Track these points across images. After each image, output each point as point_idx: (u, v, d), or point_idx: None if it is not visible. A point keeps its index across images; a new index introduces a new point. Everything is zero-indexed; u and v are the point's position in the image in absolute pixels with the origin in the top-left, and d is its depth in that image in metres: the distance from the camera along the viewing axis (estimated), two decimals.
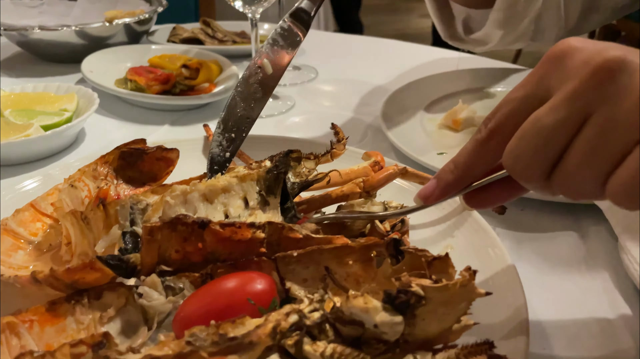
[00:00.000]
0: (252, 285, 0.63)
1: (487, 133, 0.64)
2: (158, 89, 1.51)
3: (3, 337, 0.62)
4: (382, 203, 0.88)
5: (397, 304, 0.53)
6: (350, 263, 0.73)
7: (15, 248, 0.83)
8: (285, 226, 0.71)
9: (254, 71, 0.97)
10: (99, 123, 1.43)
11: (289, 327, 0.52)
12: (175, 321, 0.64)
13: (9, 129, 1.19)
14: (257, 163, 0.88)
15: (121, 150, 0.99)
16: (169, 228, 0.67)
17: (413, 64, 1.86)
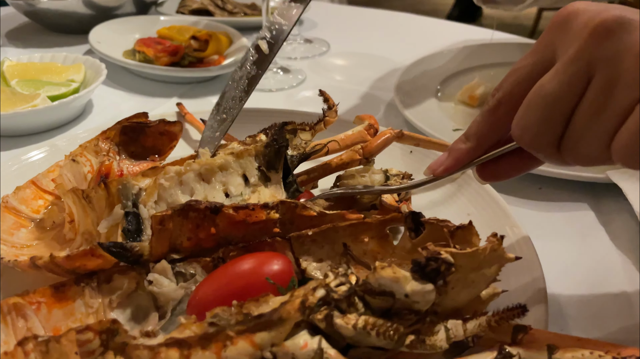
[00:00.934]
0: (269, 265, 0.61)
1: (494, 103, 0.63)
2: (166, 61, 1.47)
3: (9, 318, 0.60)
4: (382, 171, 0.86)
5: (427, 272, 0.51)
6: (366, 240, 0.71)
7: (17, 226, 0.81)
8: (298, 204, 0.69)
9: (250, 54, 0.95)
10: (107, 94, 1.40)
11: (317, 302, 0.50)
12: (191, 306, 0.62)
13: (16, 99, 1.17)
14: (250, 138, 0.85)
15: (122, 124, 0.96)
16: (180, 215, 0.64)
17: (428, 39, 1.80)
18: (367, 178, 0.83)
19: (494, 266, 0.56)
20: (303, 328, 0.50)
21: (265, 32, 0.95)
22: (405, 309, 0.53)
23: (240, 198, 0.77)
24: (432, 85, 1.38)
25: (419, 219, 0.66)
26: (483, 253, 0.55)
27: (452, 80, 1.43)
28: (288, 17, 0.99)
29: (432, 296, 0.52)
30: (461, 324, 0.56)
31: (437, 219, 0.65)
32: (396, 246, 0.70)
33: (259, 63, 0.94)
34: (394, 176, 0.83)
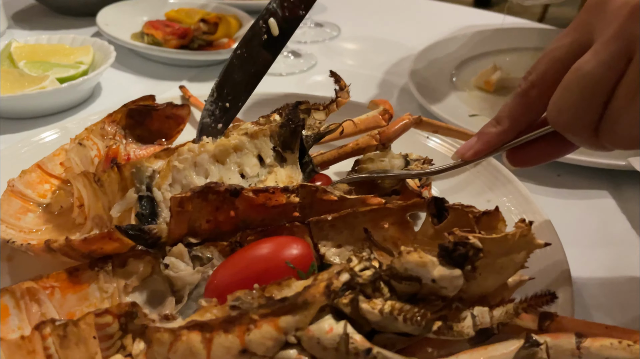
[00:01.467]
0: (288, 249, 0.59)
1: (527, 85, 0.61)
2: (175, 44, 1.45)
3: (22, 303, 0.59)
4: (402, 155, 0.84)
5: (455, 257, 0.49)
6: (386, 226, 0.69)
7: (24, 210, 0.79)
8: (319, 188, 0.67)
9: (257, 31, 0.85)
10: (115, 77, 1.38)
11: (341, 286, 0.49)
12: (209, 290, 0.61)
13: (24, 81, 1.15)
14: (264, 118, 0.83)
15: (129, 107, 0.94)
16: (199, 197, 0.63)
17: (439, 23, 1.77)
18: (387, 163, 0.81)
19: (523, 252, 0.55)
20: (327, 312, 0.49)
21: (277, 7, 0.85)
22: (432, 295, 0.51)
23: (257, 179, 0.75)
24: (447, 70, 1.35)
25: (443, 205, 0.64)
26: (512, 238, 0.53)
27: (466, 65, 1.40)
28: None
29: (459, 281, 0.51)
30: (488, 311, 0.54)
31: (462, 204, 0.63)
32: (417, 232, 0.68)
33: (268, 47, 0.86)
34: (414, 161, 0.81)
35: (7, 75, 1.16)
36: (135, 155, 0.94)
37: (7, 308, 0.59)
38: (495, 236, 0.53)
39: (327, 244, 0.68)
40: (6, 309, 0.59)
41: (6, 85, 1.15)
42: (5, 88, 1.14)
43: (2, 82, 1.14)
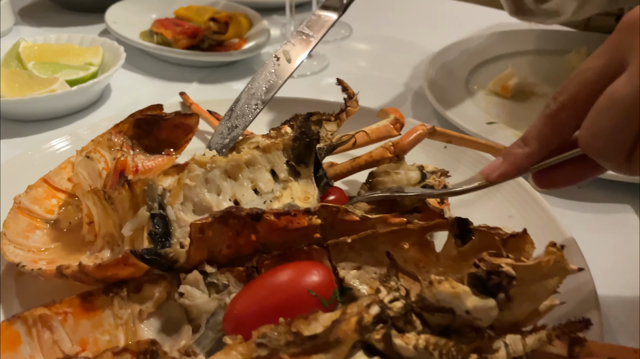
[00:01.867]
0: (309, 275, 0.57)
1: (558, 106, 0.59)
2: (185, 44, 1.42)
3: (34, 331, 0.57)
4: (417, 167, 0.82)
5: (489, 287, 0.48)
6: (407, 246, 0.67)
7: (31, 228, 0.77)
8: (340, 208, 0.65)
9: (271, 62, 0.91)
10: (125, 78, 1.36)
11: (372, 320, 0.47)
12: (228, 320, 0.59)
13: (33, 83, 1.13)
14: (275, 131, 0.81)
15: (136, 117, 0.92)
16: (220, 223, 0.61)
17: (455, 23, 1.73)
18: (403, 176, 0.79)
19: (556, 278, 0.53)
20: (359, 348, 0.47)
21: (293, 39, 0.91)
22: (466, 326, 0.49)
23: (272, 196, 0.73)
24: (462, 73, 1.33)
25: (467, 226, 0.62)
26: (546, 265, 0.51)
27: (483, 68, 1.37)
28: (317, 28, 0.94)
29: (494, 312, 0.49)
30: (520, 339, 0.52)
31: (488, 226, 0.61)
32: (440, 253, 0.66)
33: (279, 73, 0.90)
34: (431, 173, 0.79)
35: (17, 76, 1.15)
36: (143, 166, 0.91)
37: (18, 336, 0.57)
38: (528, 263, 0.51)
39: (346, 266, 0.66)
40: (18, 336, 0.57)
41: (15, 87, 1.13)
42: (14, 91, 1.12)
43: (11, 84, 1.12)
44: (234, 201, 0.72)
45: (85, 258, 0.71)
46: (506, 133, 1.09)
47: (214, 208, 0.70)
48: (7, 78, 1.14)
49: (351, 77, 1.44)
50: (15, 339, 0.57)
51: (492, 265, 0.50)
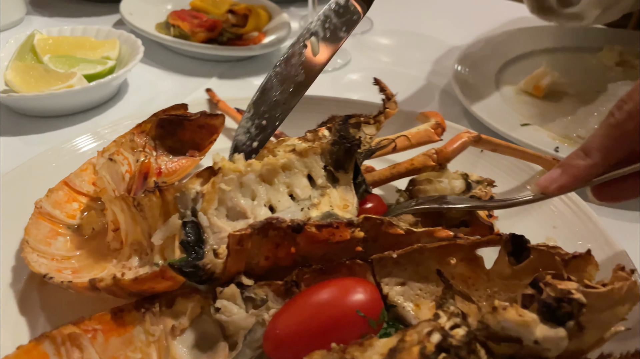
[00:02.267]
0: (354, 293, 0.54)
1: (624, 116, 0.56)
2: (203, 37, 1.38)
3: (63, 350, 0.54)
4: (461, 176, 0.78)
5: (560, 315, 0.44)
6: (453, 261, 0.63)
7: (53, 234, 0.73)
8: (384, 221, 0.61)
9: (298, 51, 0.80)
10: (142, 72, 1.32)
11: (434, 349, 0.44)
12: (268, 340, 0.55)
13: (50, 78, 1.09)
14: (311, 133, 0.77)
15: (159, 117, 0.89)
16: (259, 234, 0.58)
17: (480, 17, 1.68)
18: (446, 185, 0.75)
19: (627, 304, 0.49)
20: None
21: (318, 27, 0.80)
22: (532, 357, 0.46)
23: (309, 202, 0.69)
24: (491, 71, 1.28)
25: (524, 244, 0.58)
26: (618, 292, 0.47)
27: (512, 65, 1.33)
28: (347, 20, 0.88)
29: (565, 343, 0.45)
30: None
31: (547, 245, 0.57)
32: (490, 271, 0.62)
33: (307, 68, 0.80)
34: (476, 183, 0.75)
35: (32, 71, 1.11)
36: (167, 168, 0.88)
37: (46, 356, 0.54)
38: (601, 290, 0.47)
39: (390, 282, 0.62)
40: (46, 357, 0.54)
41: (31, 82, 1.09)
42: (31, 86, 1.08)
43: (27, 79, 1.09)
44: (269, 207, 0.68)
45: (112, 267, 0.68)
46: (541, 135, 1.05)
47: (249, 213, 0.67)
48: (23, 73, 1.10)
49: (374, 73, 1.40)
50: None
51: (562, 291, 0.46)
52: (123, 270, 0.66)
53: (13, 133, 1.06)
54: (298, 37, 0.78)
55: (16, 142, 1.03)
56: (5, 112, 1.10)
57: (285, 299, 0.60)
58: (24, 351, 0.55)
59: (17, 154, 1.00)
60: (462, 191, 0.74)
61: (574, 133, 1.07)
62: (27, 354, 0.55)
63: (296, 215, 0.67)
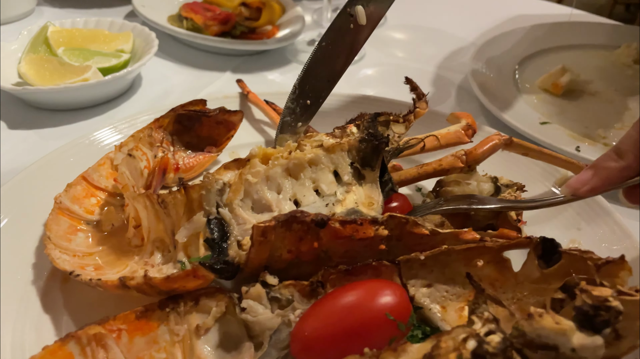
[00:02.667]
0: (383, 296, 0.53)
1: None
2: (217, 30, 1.36)
3: (89, 350, 0.54)
4: (490, 179, 0.77)
5: (597, 323, 0.44)
6: (480, 263, 0.63)
7: (73, 230, 0.73)
8: (409, 220, 0.61)
9: (344, 21, 0.80)
10: (155, 66, 1.31)
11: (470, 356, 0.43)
12: (296, 342, 0.55)
13: (65, 71, 1.08)
14: (340, 129, 0.76)
15: (177, 112, 0.88)
16: (283, 227, 0.57)
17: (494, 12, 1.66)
18: (474, 187, 0.74)
19: None
20: None
21: None
22: None
23: (334, 199, 0.69)
24: (509, 68, 1.27)
25: (555, 248, 0.58)
26: None
27: (529, 62, 1.31)
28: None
29: (602, 351, 0.45)
30: None
31: (579, 250, 0.56)
32: (518, 273, 0.62)
33: (354, 37, 0.79)
34: (505, 186, 0.74)
35: (46, 63, 1.10)
36: (184, 164, 0.88)
37: (72, 356, 0.54)
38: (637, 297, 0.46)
39: (417, 284, 0.62)
40: (71, 357, 0.54)
41: (45, 75, 1.08)
42: (45, 79, 1.07)
43: (42, 71, 1.08)
44: (293, 202, 0.68)
45: (134, 264, 0.67)
46: (561, 134, 1.04)
47: (274, 206, 0.66)
48: (37, 65, 1.09)
49: (389, 69, 1.40)
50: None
51: (598, 298, 0.46)
52: (146, 267, 0.66)
53: (28, 127, 1.05)
54: (344, 5, 0.78)
55: (32, 136, 1.03)
56: (19, 105, 1.10)
57: (310, 299, 0.59)
58: (50, 351, 0.55)
59: (33, 148, 1.00)
60: (491, 194, 0.73)
61: (594, 132, 1.06)
62: (52, 354, 0.54)
63: (320, 210, 0.66)
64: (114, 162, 0.81)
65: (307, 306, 0.58)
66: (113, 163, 0.81)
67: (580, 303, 0.46)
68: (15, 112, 1.08)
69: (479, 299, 0.51)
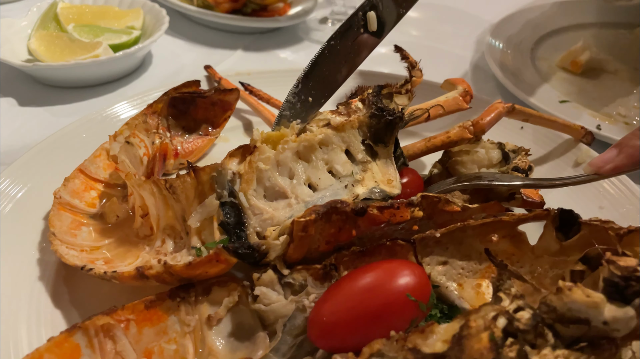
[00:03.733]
0: (401, 276, 0.51)
1: None
2: (227, 7, 1.34)
3: (96, 341, 0.52)
4: (496, 145, 0.76)
5: (629, 294, 0.42)
6: (495, 238, 0.61)
7: (76, 225, 0.70)
8: (441, 199, 0.59)
9: (355, 23, 0.77)
10: (166, 43, 1.29)
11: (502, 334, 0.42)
12: (314, 327, 0.53)
13: (75, 47, 1.07)
14: (343, 106, 0.73)
15: (171, 96, 0.85)
16: (323, 219, 0.56)
17: None
18: (483, 155, 0.73)
19: None
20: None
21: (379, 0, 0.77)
22: (600, 338, 0.44)
23: (352, 179, 0.67)
24: (526, 46, 1.24)
25: (575, 219, 0.56)
26: None
27: (546, 41, 1.28)
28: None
29: (634, 322, 0.43)
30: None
31: (600, 220, 0.55)
32: (535, 247, 0.60)
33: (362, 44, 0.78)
34: (512, 152, 0.73)
35: (57, 40, 1.08)
36: (183, 149, 0.85)
37: (78, 348, 0.52)
38: None
39: (432, 262, 0.60)
40: (77, 349, 0.52)
41: (56, 52, 1.07)
42: (56, 55, 1.06)
43: (52, 48, 1.06)
44: (308, 186, 0.66)
45: (145, 254, 0.65)
46: (581, 112, 1.01)
47: (288, 193, 0.64)
48: (47, 42, 1.07)
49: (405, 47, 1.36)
50: (74, 352, 0.51)
51: (627, 269, 0.44)
52: (158, 256, 0.63)
53: (39, 104, 1.04)
54: (357, 8, 0.75)
55: (43, 113, 1.02)
56: (28, 82, 1.09)
57: (324, 283, 0.57)
58: (55, 343, 0.52)
59: (45, 125, 0.99)
60: (499, 161, 0.72)
61: (614, 111, 1.03)
62: (58, 346, 0.52)
63: (340, 192, 0.65)
64: (110, 152, 0.77)
65: (321, 290, 0.57)
66: (109, 154, 0.78)
67: (607, 274, 0.45)
68: (26, 89, 1.07)
69: (503, 276, 0.50)
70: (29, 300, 0.63)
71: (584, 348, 0.43)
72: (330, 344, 0.52)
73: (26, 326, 0.60)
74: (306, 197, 0.63)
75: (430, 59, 1.29)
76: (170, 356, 0.54)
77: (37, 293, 0.64)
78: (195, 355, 0.54)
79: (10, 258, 0.66)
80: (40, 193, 0.74)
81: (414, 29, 1.45)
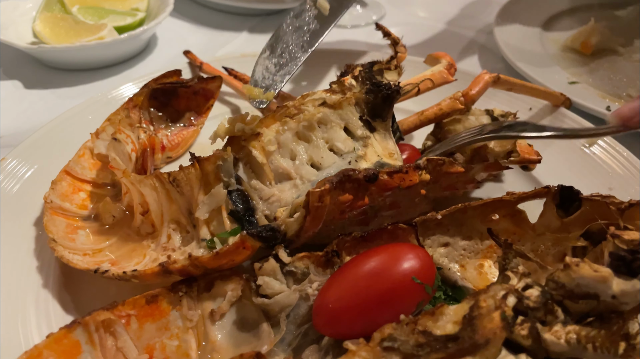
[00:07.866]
0: (407, 260, 0.51)
1: None
2: None
3: (96, 337, 0.51)
4: (485, 112, 0.77)
5: (635, 267, 0.42)
6: (496, 217, 0.61)
7: (72, 229, 0.67)
8: (445, 161, 0.60)
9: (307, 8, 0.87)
10: (171, 25, 1.28)
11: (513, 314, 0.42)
12: (320, 315, 0.52)
13: (80, 29, 1.06)
14: (336, 84, 0.73)
15: (151, 88, 0.83)
16: (337, 188, 0.56)
17: None
18: (474, 121, 0.75)
19: None
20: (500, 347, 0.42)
21: None
22: (609, 312, 0.44)
23: (355, 155, 0.67)
24: (534, 27, 1.22)
25: (575, 195, 0.56)
26: None
27: (555, 21, 1.26)
28: None
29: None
30: None
31: (601, 195, 0.54)
32: (536, 224, 0.60)
33: (320, 19, 0.87)
34: (501, 117, 0.75)
35: (61, 22, 1.08)
36: (169, 142, 0.84)
37: (78, 344, 0.50)
38: None
39: (433, 244, 0.61)
40: (77, 346, 0.50)
41: (60, 33, 1.06)
42: (60, 37, 1.05)
43: (57, 30, 1.06)
44: (311, 165, 0.66)
45: (152, 252, 0.63)
46: (591, 94, 1.00)
47: (293, 174, 0.64)
48: (52, 24, 1.07)
49: (412, 28, 1.35)
50: (74, 349, 0.50)
51: (632, 242, 0.44)
52: (166, 252, 0.62)
53: (44, 86, 1.04)
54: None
55: (49, 95, 1.02)
56: (33, 64, 1.08)
57: (326, 270, 0.57)
58: (55, 339, 0.51)
59: (50, 107, 0.99)
60: None
61: (624, 92, 1.02)
62: (57, 343, 0.50)
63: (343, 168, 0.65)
64: (95, 150, 0.74)
65: (324, 277, 0.56)
66: (94, 152, 0.75)
67: (613, 249, 0.45)
68: (32, 72, 1.07)
69: (509, 254, 0.50)
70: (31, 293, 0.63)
71: (593, 323, 0.43)
72: (337, 331, 0.51)
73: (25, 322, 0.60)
74: (311, 177, 0.63)
75: (438, 41, 1.28)
76: (173, 352, 0.53)
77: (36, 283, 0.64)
78: (198, 350, 0.53)
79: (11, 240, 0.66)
80: (47, 173, 0.73)
81: (421, 9, 1.43)
